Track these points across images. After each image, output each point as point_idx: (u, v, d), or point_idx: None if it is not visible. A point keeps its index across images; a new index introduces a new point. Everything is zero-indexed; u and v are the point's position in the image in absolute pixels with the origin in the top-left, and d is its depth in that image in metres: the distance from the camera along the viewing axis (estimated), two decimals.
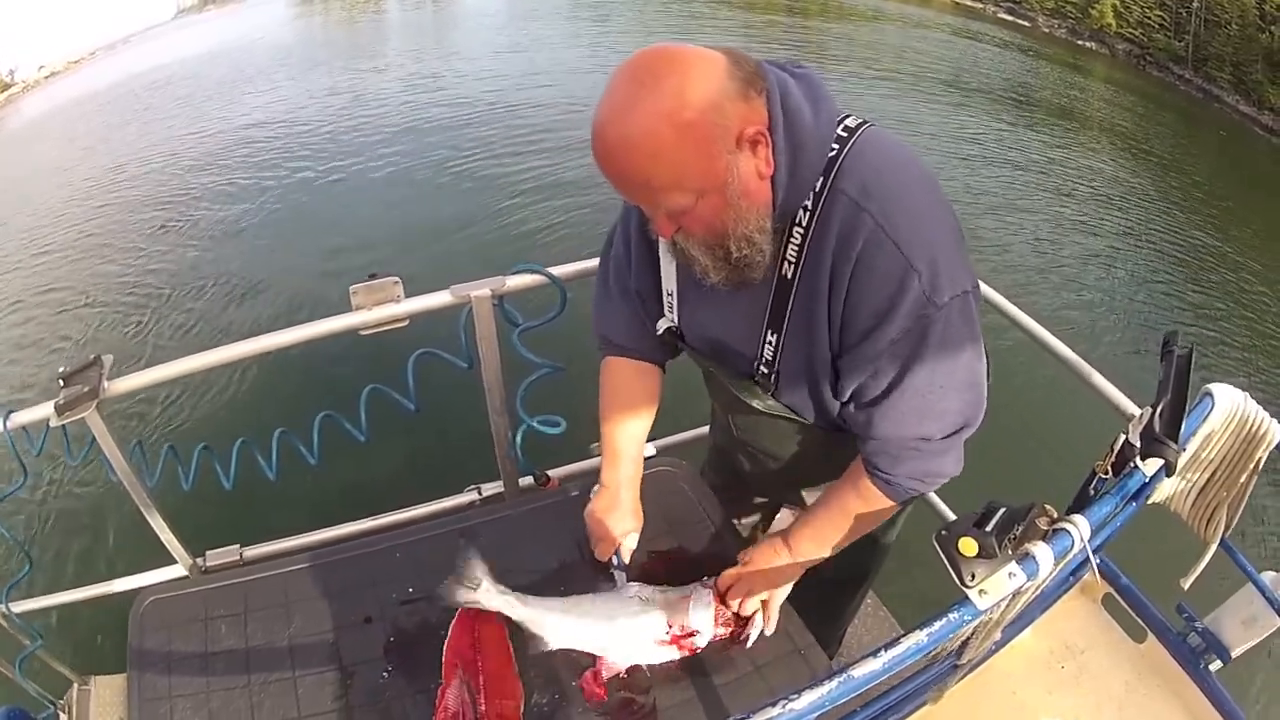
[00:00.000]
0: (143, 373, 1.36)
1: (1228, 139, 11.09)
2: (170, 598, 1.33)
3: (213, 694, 1.17)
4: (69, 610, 1.67)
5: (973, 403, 1.00)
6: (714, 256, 0.94)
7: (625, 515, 1.23)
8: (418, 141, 7.71)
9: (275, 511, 2.38)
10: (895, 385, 0.95)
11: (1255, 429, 1.05)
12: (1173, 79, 13.30)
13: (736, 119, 0.84)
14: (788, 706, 0.71)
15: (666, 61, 0.83)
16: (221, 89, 10.21)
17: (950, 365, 0.94)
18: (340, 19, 15.08)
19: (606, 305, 1.21)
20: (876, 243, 0.88)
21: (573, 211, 5.83)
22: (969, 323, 0.94)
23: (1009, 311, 1.52)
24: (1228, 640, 1.21)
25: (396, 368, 1.44)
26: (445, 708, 1.09)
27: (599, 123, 0.84)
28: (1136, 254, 6.51)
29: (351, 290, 1.34)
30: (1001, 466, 3.46)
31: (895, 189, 0.90)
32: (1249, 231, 7.56)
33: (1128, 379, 1.32)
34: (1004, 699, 1.22)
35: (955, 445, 1.01)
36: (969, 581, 0.81)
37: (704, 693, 1.12)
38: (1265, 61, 11.89)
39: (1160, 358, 1.00)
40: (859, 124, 0.93)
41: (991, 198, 7.16)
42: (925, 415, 0.97)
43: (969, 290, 0.92)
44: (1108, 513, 0.92)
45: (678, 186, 0.86)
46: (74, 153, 8.99)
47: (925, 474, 1.03)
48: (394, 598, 1.28)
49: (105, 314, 5.32)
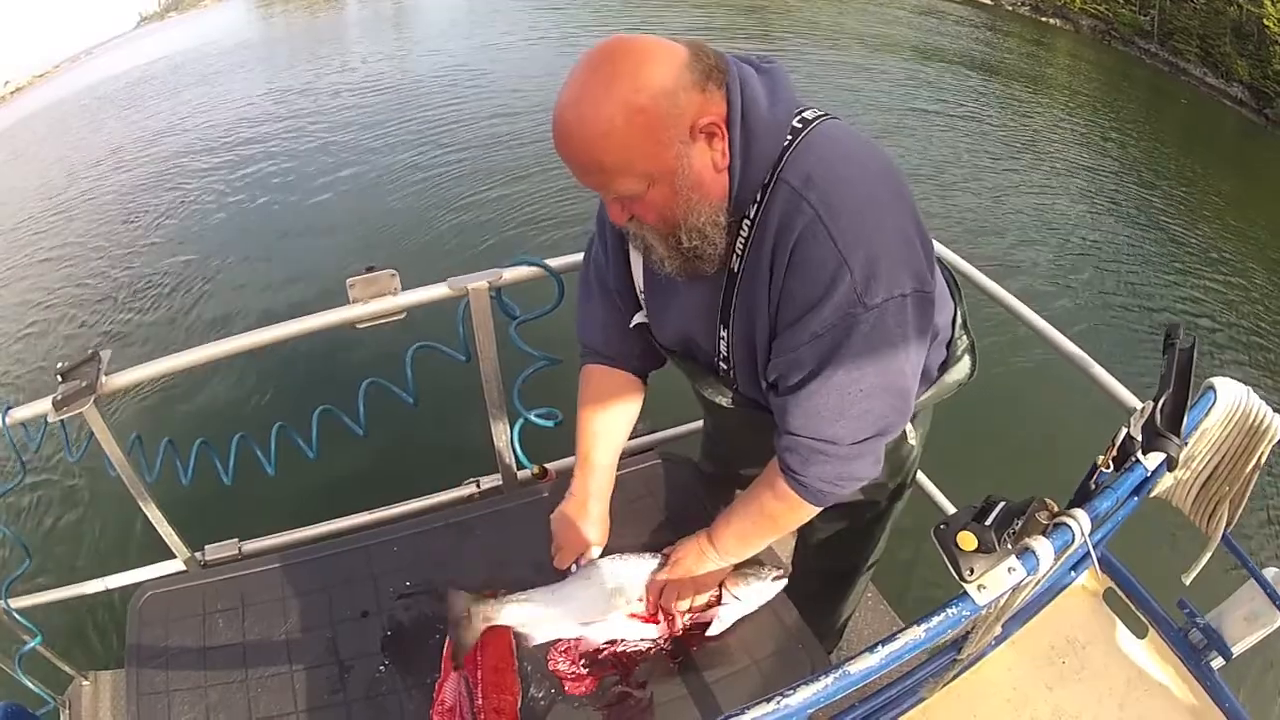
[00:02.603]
0: (140, 367, 1.36)
1: (1200, 112, 11.05)
2: (168, 593, 1.33)
3: (210, 689, 1.17)
4: (71, 606, 1.67)
5: (893, 411, 0.96)
6: (667, 245, 0.95)
7: (591, 526, 1.22)
8: (411, 136, 7.68)
9: (275, 505, 2.39)
10: (812, 378, 0.93)
11: (1258, 423, 1.04)
12: (1138, 53, 13.10)
13: (691, 109, 0.85)
14: (782, 702, 0.70)
15: (624, 50, 0.85)
16: (200, 92, 10.18)
17: (873, 369, 0.91)
18: (304, 19, 15.04)
19: (587, 306, 1.21)
20: (813, 233, 0.87)
21: (570, 203, 5.81)
22: (903, 327, 0.91)
23: (1007, 302, 1.51)
24: (1229, 636, 1.20)
25: (394, 361, 1.44)
26: (443, 701, 1.09)
27: (557, 106, 0.86)
28: (1118, 237, 6.45)
29: (348, 283, 1.33)
30: (1002, 459, 3.46)
31: (841, 181, 0.88)
32: (1219, 202, 7.52)
33: (1090, 340, 1.31)
34: (1004, 693, 1.21)
35: (869, 450, 0.98)
36: (968, 576, 0.81)
37: (700, 687, 1.12)
38: (1234, 34, 11.68)
39: (1163, 350, 0.99)
40: (818, 117, 0.92)
41: (957, 171, 7.11)
42: (839, 415, 0.94)
43: (908, 294, 0.89)
44: (1109, 507, 0.91)
45: (628, 171, 0.87)
46: (55, 160, 8.99)
47: (837, 477, 0.99)
48: (391, 592, 1.27)
49: (100, 311, 5.33)
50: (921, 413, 1.21)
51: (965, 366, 1.18)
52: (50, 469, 3.50)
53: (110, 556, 3.11)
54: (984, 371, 1.19)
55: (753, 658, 1.16)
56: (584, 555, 1.21)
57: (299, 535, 1.55)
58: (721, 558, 1.14)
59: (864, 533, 1.37)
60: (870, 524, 1.36)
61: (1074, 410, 3.21)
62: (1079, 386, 1.38)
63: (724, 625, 1.17)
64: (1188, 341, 0.98)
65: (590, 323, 1.21)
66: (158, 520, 1.46)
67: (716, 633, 1.17)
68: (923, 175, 6.72)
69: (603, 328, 1.20)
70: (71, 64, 14.93)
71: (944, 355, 1.15)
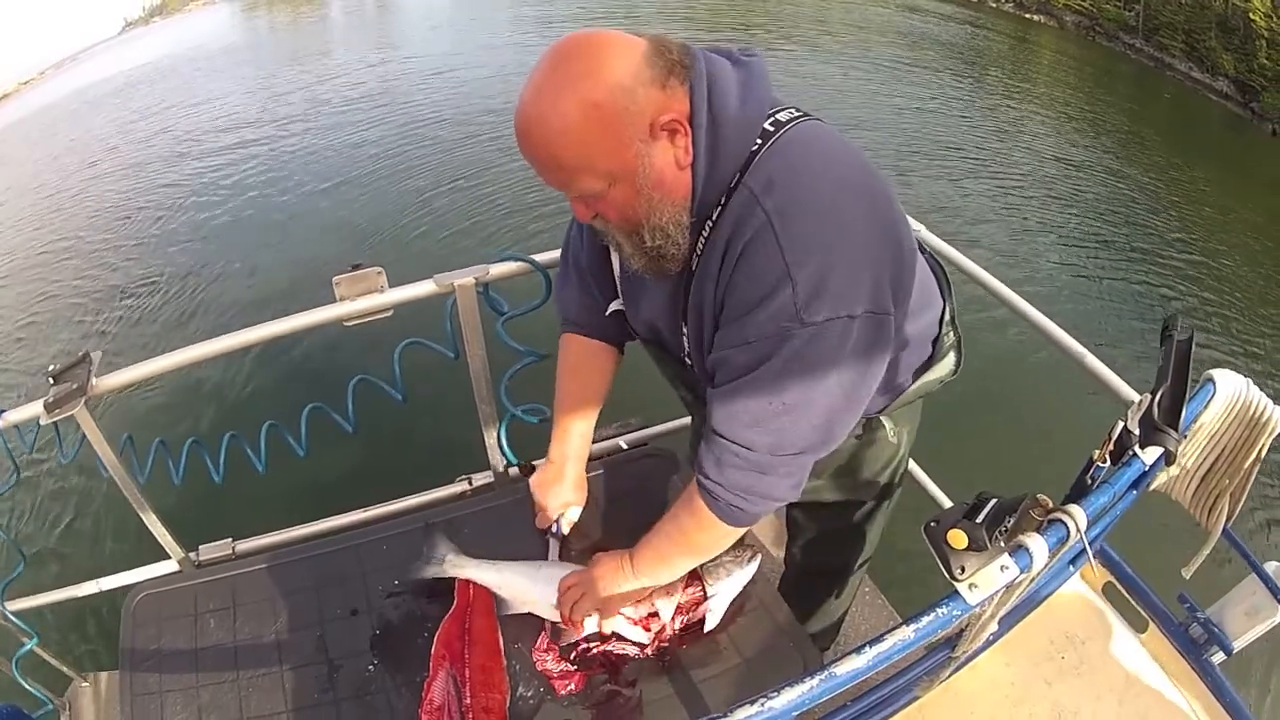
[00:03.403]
0: (131, 368, 1.35)
1: (1186, 107, 10.97)
2: (160, 593, 1.33)
3: (202, 689, 1.18)
4: (69, 607, 1.68)
5: (816, 433, 0.91)
6: (632, 243, 0.93)
7: (568, 488, 1.23)
8: (395, 134, 7.65)
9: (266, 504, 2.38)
10: (735, 380, 0.90)
11: (1258, 416, 1.02)
12: (1123, 49, 12.97)
13: (650, 105, 0.83)
14: (767, 704, 0.69)
15: (582, 46, 0.84)
16: (185, 96, 10.15)
17: (798, 388, 0.87)
18: (289, 22, 15.00)
19: (565, 285, 1.22)
20: (762, 239, 0.84)
21: (557, 199, 5.75)
22: (843, 350, 0.86)
23: (1003, 294, 1.48)
24: (1230, 631, 1.18)
25: (384, 359, 1.43)
26: (431, 700, 1.09)
27: (518, 104, 0.85)
28: (1108, 230, 6.40)
29: (335, 281, 1.32)
30: (998, 454, 3.44)
31: (803, 189, 0.85)
32: (1202, 191, 7.47)
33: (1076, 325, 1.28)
34: (1003, 690, 1.20)
35: (787, 468, 0.93)
36: (959, 575, 0.79)
37: (690, 686, 1.11)
38: (1219, 29, 11.60)
39: (1160, 342, 0.97)
40: (794, 118, 0.89)
41: (947, 162, 7.06)
42: (754, 424, 0.90)
43: (857, 316, 0.85)
44: (1105, 503, 0.89)
45: (588, 169, 0.85)
46: (46, 163, 9.01)
47: (748, 490, 0.94)
48: (380, 590, 1.27)
49: (90, 314, 5.35)
50: (907, 409, 1.19)
51: (949, 363, 1.16)
52: (43, 471, 3.51)
53: (107, 557, 3.12)
54: (981, 366, 1.18)
55: (744, 656, 1.15)
56: (564, 516, 1.23)
57: (291, 534, 1.55)
58: (638, 578, 1.09)
59: (853, 531, 1.36)
60: (860, 522, 1.34)
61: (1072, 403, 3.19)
62: (1077, 380, 1.36)
63: (718, 618, 1.16)
64: (1185, 333, 0.96)
65: (568, 298, 1.22)
66: (151, 521, 1.46)
67: (711, 628, 1.16)
68: (902, 168, 6.68)
69: (579, 306, 1.21)
70: (57, 70, 14.91)
71: (929, 352, 1.12)
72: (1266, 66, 10.85)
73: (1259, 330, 5.25)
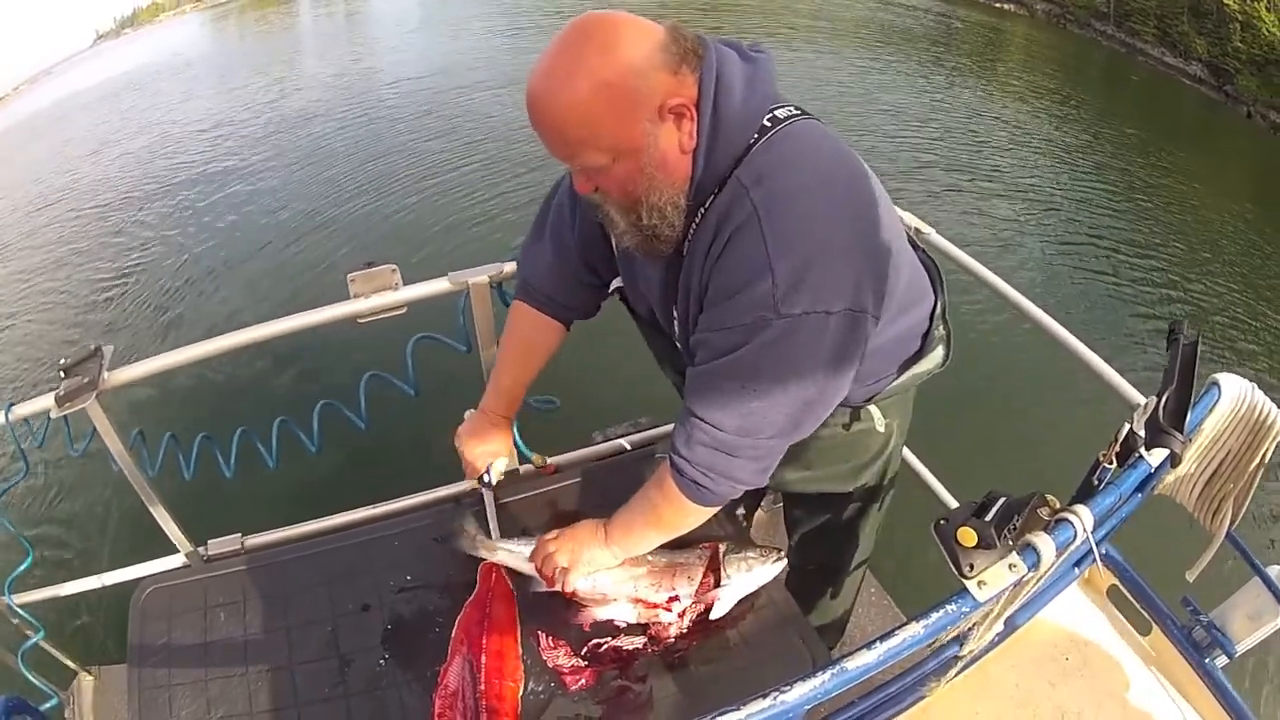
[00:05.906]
0: (143, 362, 1.36)
1: (1159, 92, 11.03)
2: (169, 587, 1.33)
3: (211, 683, 1.18)
4: (74, 601, 1.67)
5: (787, 421, 0.94)
6: (628, 220, 0.96)
7: (493, 439, 1.27)
8: (408, 132, 7.67)
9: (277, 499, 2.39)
10: (711, 362, 0.93)
11: (1263, 420, 1.03)
12: (1094, 35, 12.98)
13: (660, 89, 0.86)
14: (779, 699, 0.70)
15: (598, 25, 0.86)
16: (180, 100, 10.11)
17: (770, 377, 0.90)
18: (259, 29, 14.95)
19: (535, 248, 1.22)
20: (748, 229, 0.87)
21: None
22: (819, 344, 0.89)
23: (1010, 295, 1.50)
24: (1233, 634, 1.19)
25: (395, 356, 1.44)
26: (445, 685, 1.10)
27: (530, 77, 0.87)
28: (1102, 226, 6.40)
29: (349, 278, 1.34)
30: (1005, 455, 3.45)
31: (792, 183, 0.88)
32: (1181, 175, 7.49)
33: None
34: (1007, 690, 1.21)
35: (753, 450, 0.95)
36: (968, 572, 0.80)
37: (699, 682, 1.12)
38: (1191, 13, 11.64)
39: (1166, 345, 0.98)
40: (790, 116, 0.92)
41: (924, 157, 7.06)
42: (724, 405, 0.93)
43: (835, 312, 0.87)
44: (1111, 504, 0.90)
45: (593, 143, 0.88)
46: (42, 164, 9.01)
47: (711, 468, 0.97)
48: (391, 585, 1.28)
49: (102, 309, 5.35)
50: (896, 399, 1.20)
51: (938, 356, 1.18)
52: (53, 464, 3.51)
53: (114, 551, 3.12)
54: (987, 366, 1.19)
55: (753, 653, 1.15)
56: (492, 466, 1.26)
57: (301, 530, 1.55)
58: (608, 545, 1.14)
59: (849, 527, 1.37)
60: (854, 517, 1.36)
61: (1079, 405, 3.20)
62: (1083, 381, 1.37)
63: (726, 608, 1.18)
64: (1191, 336, 0.97)
65: (534, 262, 1.22)
66: (160, 515, 1.46)
67: (719, 615, 1.17)
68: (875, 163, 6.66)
69: (546, 271, 1.21)
70: (31, 85, 14.84)
71: (918, 346, 1.14)
72: (1240, 50, 10.89)
73: (1249, 327, 5.25)
